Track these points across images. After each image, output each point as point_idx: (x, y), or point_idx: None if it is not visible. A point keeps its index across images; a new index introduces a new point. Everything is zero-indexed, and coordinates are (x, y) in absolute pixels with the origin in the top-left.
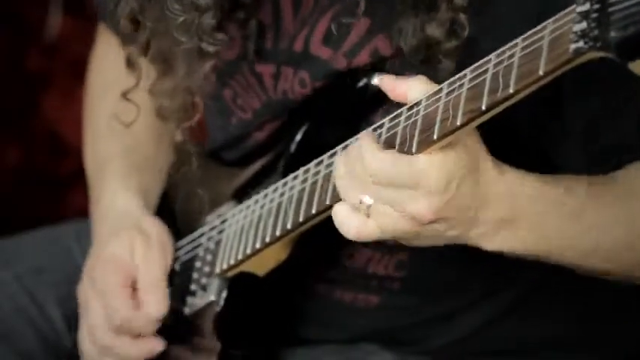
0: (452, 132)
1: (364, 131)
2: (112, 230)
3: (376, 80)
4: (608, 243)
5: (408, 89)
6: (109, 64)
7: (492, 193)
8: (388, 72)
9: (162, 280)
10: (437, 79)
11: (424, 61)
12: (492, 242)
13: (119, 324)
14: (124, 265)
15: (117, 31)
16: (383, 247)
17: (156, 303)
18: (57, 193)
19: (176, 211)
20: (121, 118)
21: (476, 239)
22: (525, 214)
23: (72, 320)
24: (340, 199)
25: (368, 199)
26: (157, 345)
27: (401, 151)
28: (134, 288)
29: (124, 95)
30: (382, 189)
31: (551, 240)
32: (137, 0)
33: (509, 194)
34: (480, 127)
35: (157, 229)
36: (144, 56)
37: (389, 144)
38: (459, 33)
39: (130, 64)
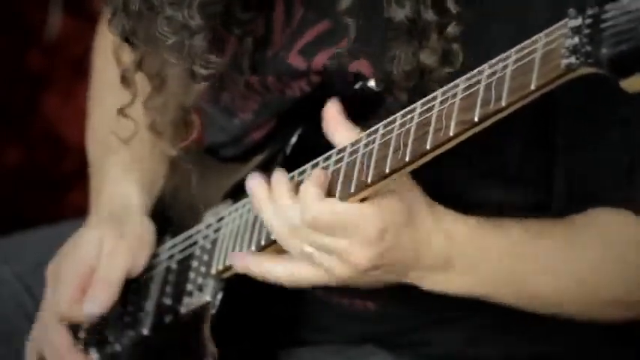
0: (445, 143)
1: (314, 171)
2: (98, 220)
3: (372, 83)
4: (556, 288)
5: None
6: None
7: (429, 238)
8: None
9: (114, 282)
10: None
11: (414, 88)
12: (428, 284)
13: (59, 313)
14: (86, 259)
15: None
16: None
17: (94, 300)
18: (57, 192)
19: (171, 205)
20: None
21: (414, 280)
22: (460, 257)
23: None
24: None
25: (308, 248)
26: None
27: (395, 158)
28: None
29: (121, 111)
30: (321, 237)
31: (486, 281)
32: (129, 20)
33: (445, 237)
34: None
35: (138, 231)
36: (137, 72)
37: (381, 153)
38: (453, 62)
39: (125, 80)
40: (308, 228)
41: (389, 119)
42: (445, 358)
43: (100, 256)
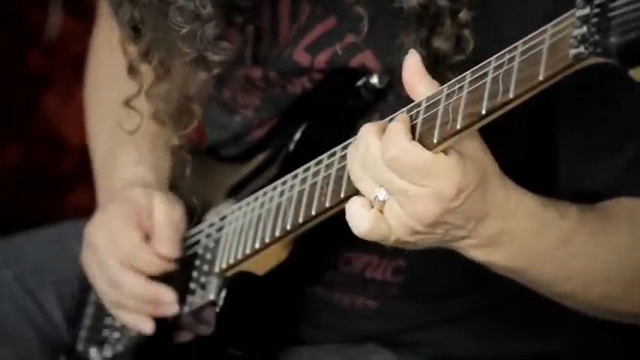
0: (451, 136)
1: (399, 114)
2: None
3: (375, 79)
4: (589, 272)
5: (423, 87)
6: (113, 52)
7: (495, 208)
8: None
9: (179, 227)
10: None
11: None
12: (479, 253)
13: (125, 257)
14: (138, 208)
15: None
16: (381, 252)
17: (167, 242)
18: (57, 192)
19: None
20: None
21: (465, 248)
22: (518, 233)
23: (70, 318)
24: (341, 202)
25: (382, 195)
26: (167, 294)
27: None
28: (147, 234)
29: (127, 103)
30: (397, 178)
31: (535, 260)
32: (137, 9)
33: (508, 211)
34: None
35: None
36: (144, 62)
37: None
38: (464, 48)
39: (132, 70)
40: (387, 166)
41: (394, 114)
42: (445, 357)
43: (154, 207)
